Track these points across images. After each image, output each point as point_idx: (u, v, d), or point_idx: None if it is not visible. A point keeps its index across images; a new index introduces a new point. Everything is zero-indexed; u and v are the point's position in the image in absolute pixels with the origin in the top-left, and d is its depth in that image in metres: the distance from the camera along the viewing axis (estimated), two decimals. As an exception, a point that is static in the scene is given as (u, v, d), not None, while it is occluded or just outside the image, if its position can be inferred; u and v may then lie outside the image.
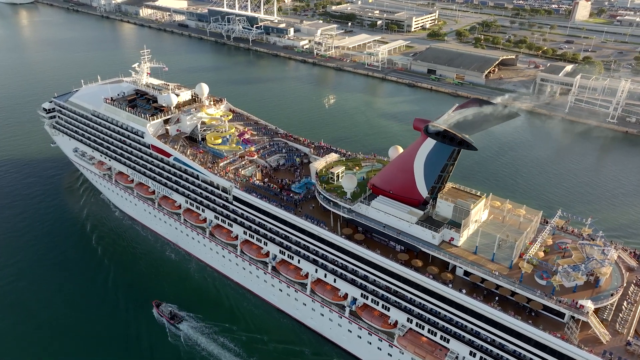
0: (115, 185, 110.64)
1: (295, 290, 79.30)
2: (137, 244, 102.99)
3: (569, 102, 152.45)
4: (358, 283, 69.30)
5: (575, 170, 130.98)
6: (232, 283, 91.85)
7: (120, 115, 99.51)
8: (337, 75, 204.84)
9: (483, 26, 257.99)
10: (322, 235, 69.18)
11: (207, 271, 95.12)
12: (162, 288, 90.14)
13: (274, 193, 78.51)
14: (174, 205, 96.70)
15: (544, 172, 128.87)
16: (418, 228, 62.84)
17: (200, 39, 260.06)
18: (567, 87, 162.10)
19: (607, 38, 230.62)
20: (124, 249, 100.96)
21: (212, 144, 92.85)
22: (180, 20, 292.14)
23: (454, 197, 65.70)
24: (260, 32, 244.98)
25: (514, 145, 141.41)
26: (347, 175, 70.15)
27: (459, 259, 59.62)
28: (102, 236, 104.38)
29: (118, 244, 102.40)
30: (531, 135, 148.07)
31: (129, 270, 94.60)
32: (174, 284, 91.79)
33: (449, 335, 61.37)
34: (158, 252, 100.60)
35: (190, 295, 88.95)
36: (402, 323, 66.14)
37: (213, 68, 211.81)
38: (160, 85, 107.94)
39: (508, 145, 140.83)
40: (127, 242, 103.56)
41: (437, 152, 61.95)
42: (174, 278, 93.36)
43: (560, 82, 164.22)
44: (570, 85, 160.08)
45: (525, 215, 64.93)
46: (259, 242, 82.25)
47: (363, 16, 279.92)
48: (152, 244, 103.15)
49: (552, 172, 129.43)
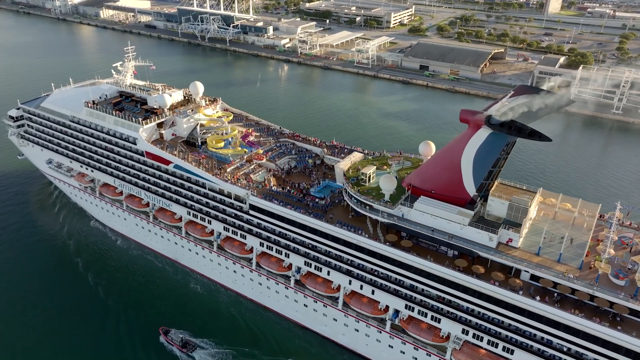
0: (100, 198, 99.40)
1: (324, 305, 71.88)
2: (130, 264, 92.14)
3: (572, 95, 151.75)
4: (403, 294, 62.75)
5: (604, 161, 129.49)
6: (246, 301, 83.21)
7: (106, 120, 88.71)
8: (326, 75, 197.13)
9: (462, 20, 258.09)
10: (362, 243, 62.14)
11: (215, 289, 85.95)
12: (168, 312, 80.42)
13: (297, 199, 70.79)
14: (174, 218, 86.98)
15: (570, 165, 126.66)
16: (472, 230, 56.95)
17: (171, 41, 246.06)
18: (566, 80, 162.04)
19: (583, 30, 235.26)
20: (117, 271, 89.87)
21: (214, 147, 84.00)
22: (147, 21, 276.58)
23: (504, 193, 60.45)
24: (237, 31, 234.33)
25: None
26: (385, 176, 63.43)
27: (524, 262, 54.12)
28: (89, 259, 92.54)
29: (108, 266, 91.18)
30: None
31: (125, 295, 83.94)
32: (180, 306, 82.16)
33: (514, 345, 55.83)
34: (156, 272, 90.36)
35: (200, 318, 79.64)
36: (456, 335, 60.09)
37: (189, 70, 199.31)
38: (147, 85, 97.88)
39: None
40: (118, 262, 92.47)
41: (490, 145, 56.34)
42: (179, 300, 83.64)
43: (559, 74, 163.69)
44: (569, 77, 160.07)
45: (580, 210, 60.31)
46: (280, 254, 74.26)
47: (339, 13, 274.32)
48: (148, 262, 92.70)
49: (577, 164, 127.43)
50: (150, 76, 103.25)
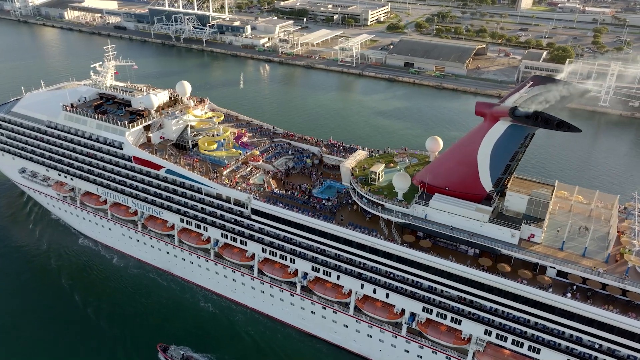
0: (82, 208, 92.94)
1: (334, 311, 68.49)
2: (117, 276, 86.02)
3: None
4: (420, 296, 60.03)
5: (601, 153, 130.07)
6: (247, 310, 78.86)
7: (87, 124, 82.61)
8: (309, 74, 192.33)
9: (439, 17, 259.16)
10: (377, 245, 59.04)
11: (213, 300, 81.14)
12: (164, 327, 75.26)
13: (303, 201, 67.10)
14: (165, 227, 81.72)
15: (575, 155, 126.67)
16: (493, 227, 54.75)
17: (143, 42, 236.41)
18: (550, 74, 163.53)
19: (556, 25, 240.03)
20: (104, 285, 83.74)
21: (207, 150, 79.32)
22: (116, 22, 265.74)
23: (521, 188, 58.60)
24: (214, 31, 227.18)
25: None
26: (399, 174, 60.50)
27: (549, 258, 52.24)
28: (72, 274, 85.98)
29: (95, 280, 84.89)
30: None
31: (116, 311, 78.18)
32: (177, 319, 77.11)
33: (541, 344, 53.94)
34: (146, 283, 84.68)
35: (200, 331, 74.87)
36: (477, 336, 57.80)
37: (165, 73, 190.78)
38: (129, 87, 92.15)
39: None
40: (103, 276, 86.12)
41: (509, 138, 54.24)
42: (174, 312, 78.49)
43: (546, 69, 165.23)
44: (553, 71, 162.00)
45: (597, 202, 59.10)
46: (284, 260, 70.39)
47: (315, 11, 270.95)
48: (136, 274, 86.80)
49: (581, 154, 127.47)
50: (129, 78, 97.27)
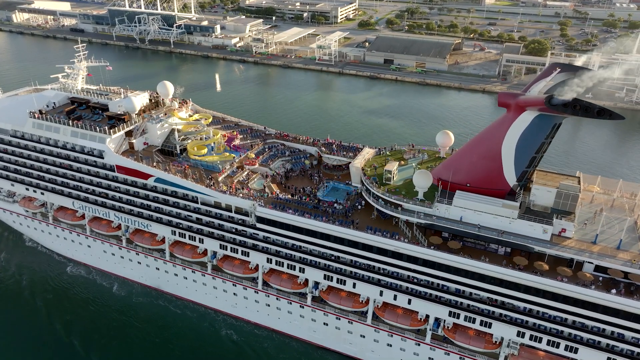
0: (55, 225, 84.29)
1: (349, 322, 64.04)
2: (99, 298, 77.99)
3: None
4: (446, 300, 56.53)
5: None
6: (249, 326, 73.13)
7: (61, 132, 74.42)
8: (287, 73, 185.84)
9: (409, 13, 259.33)
10: (400, 249, 55.00)
11: (211, 316, 74.87)
12: (163, 349, 68.48)
13: (313, 206, 62.19)
14: (155, 240, 74.81)
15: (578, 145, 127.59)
16: (522, 223, 51.89)
17: (104, 45, 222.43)
18: (532, 66, 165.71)
19: (522, 19, 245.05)
20: (86, 309, 75.69)
21: (197, 155, 73.05)
22: (72, 24, 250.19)
23: (546, 180, 56.19)
24: (181, 31, 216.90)
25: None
26: (420, 171, 56.67)
27: (585, 252, 49.85)
28: (50, 300, 77.49)
29: (75, 305, 76.58)
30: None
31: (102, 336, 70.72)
32: (175, 340, 70.45)
33: (578, 343, 51.55)
34: (136, 304, 77.23)
35: (200, 350, 68.62)
36: (510, 339, 54.88)
37: (131, 77, 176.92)
38: (103, 89, 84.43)
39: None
40: (85, 297, 78.10)
41: (536, 129, 51.55)
42: (171, 334, 71.67)
43: (528, 62, 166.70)
44: (537, 64, 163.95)
45: (621, 192, 57.53)
46: (292, 270, 65.28)
47: (283, 9, 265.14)
48: (122, 294, 79.09)
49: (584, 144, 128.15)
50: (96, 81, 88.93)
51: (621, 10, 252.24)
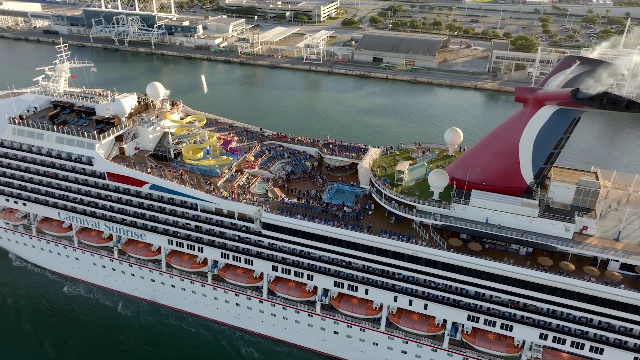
0: (39, 237, 79.20)
1: (362, 329, 61.38)
2: (102, 319, 72.96)
3: (534, 77, 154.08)
4: (464, 303, 54.40)
5: None
6: (254, 337, 69.69)
7: (45, 138, 69.55)
8: (275, 74, 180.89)
9: (392, 11, 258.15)
10: (419, 253, 52.55)
11: (228, 334, 70.36)
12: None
13: (322, 210, 59.22)
14: (150, 251, 70.66)
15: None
16: (544, 222, 50.12)
17: (81, 47, 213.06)
18: (521, 63, 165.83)
19: (503, 16, 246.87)
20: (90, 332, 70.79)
21: (193, 159, 69.23)
22: (45, 26, 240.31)
23: (563, 177, 54.66)
24: (162, 32, 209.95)
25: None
26: (436, 171, 54.29)
27: (609, 250, 48.36)
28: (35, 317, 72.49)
29: (77, 328, 71.57)
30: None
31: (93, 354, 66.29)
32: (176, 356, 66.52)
33: (604, 344, 50.09)
34: (145, 324, 72.26)
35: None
36: (532, 342, 53.09)
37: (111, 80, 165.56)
38: (88, 92, 79.72)
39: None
40: (86, 319, 72.89)
41: (555, 124, 49.81)
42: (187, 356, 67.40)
43: (518, 58, 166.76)
44: (526, 60, 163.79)
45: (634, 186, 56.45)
46: (300, 277, 62.21)
47: (264, 8, 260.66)
48: (128, 314, 73.93)
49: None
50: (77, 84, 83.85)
51: (599, 7, 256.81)
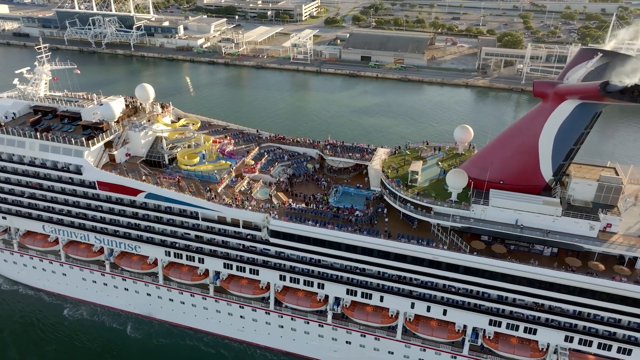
0: (22, 253, 73.87)
1: (376, 338, 58.63)
2: (97, 341, 67.98)
3: (524, 73, 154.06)
4: (486, 308, 52.23)
5: None
6: (260, 350, 66.14)
7: (27, 146, 64.43)
8: (262, 74, 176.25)
9: (373, 9, 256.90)
10: (440, 258, 50.06)
11: (249, 354, 66.33)
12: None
13: (333, 215, 56.16)
14: (145, 263, 66.30)
15: None
16: (568, 221, 48.30)
17: (55, 50, 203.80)
18: (510, 59, 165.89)
19: (484, 13, 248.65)
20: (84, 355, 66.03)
21: (189, 165, 65.23)
22: (15, 28, 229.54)
23: (583, 173, 53.10)
24: (142, 33, 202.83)
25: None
26: (454, 171, 51.95)
27: (637, 247, 46.84)
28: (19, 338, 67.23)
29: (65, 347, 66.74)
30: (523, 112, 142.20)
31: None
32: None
33: (633, 344, 48.61)
34: (158, 347, 67.47)
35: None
36: (557, 345, 51.29)
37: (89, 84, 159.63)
38: (69, 95, 74.90)
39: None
40: (93, 347, 67.73)
41: (576, 119, 48.11)
42: None
43: (507, 55, 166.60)
44: (515, 57, 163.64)
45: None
46: (310, 287, 59.02)
47: (244, 8, 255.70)
48: (139, 336, 68.79)
49: None
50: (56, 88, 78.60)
51: (576, 3, 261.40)
